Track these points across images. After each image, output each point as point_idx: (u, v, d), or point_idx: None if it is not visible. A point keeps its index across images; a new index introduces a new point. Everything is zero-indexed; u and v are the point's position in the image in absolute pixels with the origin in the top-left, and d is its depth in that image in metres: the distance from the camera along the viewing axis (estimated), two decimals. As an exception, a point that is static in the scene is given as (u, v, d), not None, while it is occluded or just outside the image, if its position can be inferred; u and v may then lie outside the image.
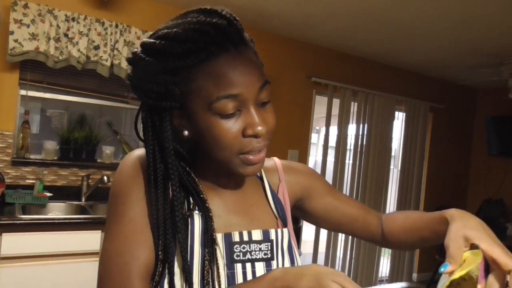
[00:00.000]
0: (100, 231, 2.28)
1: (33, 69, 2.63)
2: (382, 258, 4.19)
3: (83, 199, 2.71)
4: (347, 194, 3.88)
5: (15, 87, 2.58)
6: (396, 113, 4.25)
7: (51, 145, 2.71)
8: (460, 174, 4.91)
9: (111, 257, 0.62)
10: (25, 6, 2.42)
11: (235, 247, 0.67)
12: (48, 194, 2.53)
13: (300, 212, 0.88)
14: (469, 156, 5.00)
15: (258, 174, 0.80)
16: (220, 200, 0.72)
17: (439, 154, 4.66)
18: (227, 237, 0.67)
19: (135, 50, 0.64)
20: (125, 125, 3.15)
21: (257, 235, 0.70)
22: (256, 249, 0.68)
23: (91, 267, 2.25)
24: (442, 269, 0.56)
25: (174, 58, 0.59)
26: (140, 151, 0.70)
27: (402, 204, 4.33)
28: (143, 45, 0.63)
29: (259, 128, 0.61)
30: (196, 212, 0.66)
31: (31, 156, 2.65)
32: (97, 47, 2.64)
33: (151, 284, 0.63)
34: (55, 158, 2.74)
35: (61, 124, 2.89)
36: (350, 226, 0.87)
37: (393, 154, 4.41)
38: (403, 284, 4.32)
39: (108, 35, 2.66)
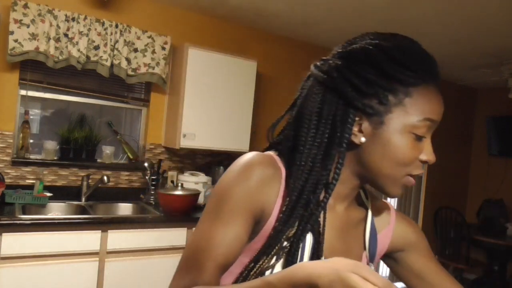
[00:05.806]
0: (100, 231, 2.28)
1: (33, 69, 2.63)
2: (382, 258, 4.18)
3: (83, 199, 2.71)
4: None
5: (15, 87, 2.58)
6: (396, 113, 4.23)
7: (51, 145, 2.71)
8: (460, 174, 4.91)
9: (199, 239, 0.64)
10: (25, 6, 2.42)
11: None
12: (48, 194, 2.53)
13: (394, 262, 0.89)
14: (469, 156, 5.00)
15: (366, 203, 0.81)
16: (329, 216, 0.72)
17: (439, 154, 4.65)
18: None
19: (368, 46, 0.68)
20: (125, 125, 3.14)
21: None
22: None
23: (91, 267, 2.25)
24: None
25: (406, 70, 0.64)
26: (261, 156, 0.70)
27: (402, 204, 4.32)
28: (378, 45, 0.67)
29: (432, 158, 0.68)
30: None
31: (31, 156, 2.65)
32: (97, 47, 2.64)
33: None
34: (55, 158, 2.74)
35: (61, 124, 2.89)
36: None
37: (393, 154, 4.40)
38: (403, 284, 4.31)
39: (108, 35, 2.66)
